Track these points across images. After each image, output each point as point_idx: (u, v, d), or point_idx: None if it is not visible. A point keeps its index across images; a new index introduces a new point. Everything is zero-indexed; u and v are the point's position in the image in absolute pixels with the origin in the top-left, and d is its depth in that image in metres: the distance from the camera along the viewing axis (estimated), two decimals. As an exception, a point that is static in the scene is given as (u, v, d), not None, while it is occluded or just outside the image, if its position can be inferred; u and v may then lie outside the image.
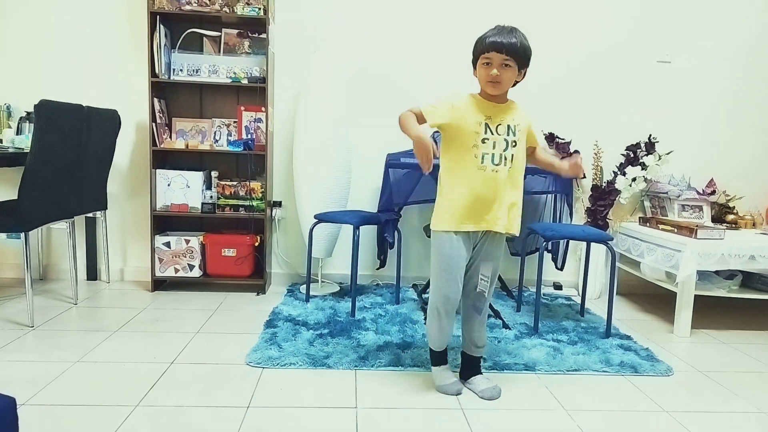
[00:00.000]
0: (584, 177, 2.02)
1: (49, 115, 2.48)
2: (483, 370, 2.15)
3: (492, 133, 1.89)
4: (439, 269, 1.96)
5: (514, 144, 1.91)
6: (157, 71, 3.03)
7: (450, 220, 1.92)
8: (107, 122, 3.05)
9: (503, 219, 1.92)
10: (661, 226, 3.09)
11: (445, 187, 1.95)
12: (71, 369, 2.09)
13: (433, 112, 1.90)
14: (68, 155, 2.69)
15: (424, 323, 2.69)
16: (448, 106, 1.91)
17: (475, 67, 1.93)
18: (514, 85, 1.93)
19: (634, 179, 3.31)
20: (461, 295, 2.01)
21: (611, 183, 3.38)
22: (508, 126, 1.90)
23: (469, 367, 2.10)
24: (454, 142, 1.91)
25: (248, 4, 3.07)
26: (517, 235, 2.01)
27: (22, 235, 2.48)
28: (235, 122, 3.27)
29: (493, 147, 1.89)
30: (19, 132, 3.07)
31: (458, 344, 2.16)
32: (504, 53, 1.83)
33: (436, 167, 1.91)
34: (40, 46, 3.22)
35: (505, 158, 1.89)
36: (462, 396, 2.00)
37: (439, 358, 2.07)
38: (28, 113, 3.09)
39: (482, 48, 1.86)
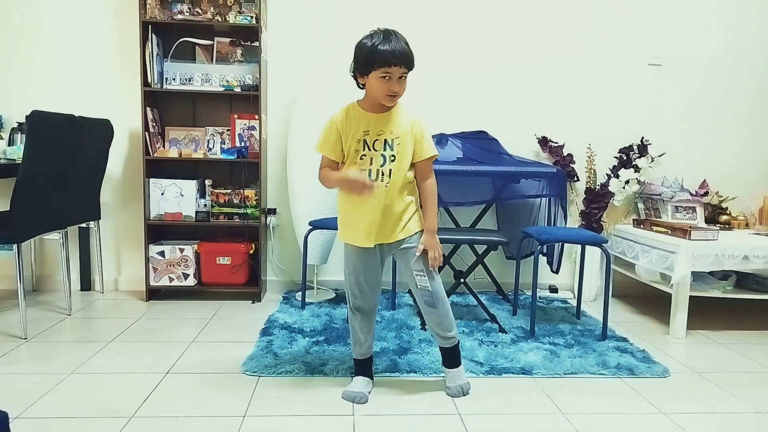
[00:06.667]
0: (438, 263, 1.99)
1: (41, 126, 2.47)
2: (480, 374, 2.17)
3: (369, 149, 1.86)
4: (346, 273, 2.01)
5: (392, 158, 1.86)
6: (149, 80, 3.03)
7: (347, 234, 1.96)
8: (100, 132, 3.04)
9: (395, 230, 1.91)
10: (655, 228, 3.10)
11: (340, 203, 1.98)
12: (65, 381, 2.07)
13: (325, 147, 1.89)
14: (61, 165, 2.68)
15: (421, 329, 2.69)
16: (334, 131, 1.88)
17: (359, 76, 1.84)
18: None
19: (627, 181, 3.32)
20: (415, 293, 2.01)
21: (605, 186, 3.39)
22: (385, 141, 1.86)
23: (444, 359, 2.08)
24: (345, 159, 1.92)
25: (240, 12, 3.07)
26: (415, 234, 1.93)
27: (15, 246, 2.47)
28: (228, 130, 3.27)
29: (371, 163, 1.87)
30: (11, 143, 3.07)
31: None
32: (403, 67, 1.77)
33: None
34: (32, 56, 3.21)
35: (383, 174, 1.86)
36: (459, 401, 1.99)
37: (361, 367, 2.07)
38: (20, 124, 3.08)
39: (379, 61, 1.75)
